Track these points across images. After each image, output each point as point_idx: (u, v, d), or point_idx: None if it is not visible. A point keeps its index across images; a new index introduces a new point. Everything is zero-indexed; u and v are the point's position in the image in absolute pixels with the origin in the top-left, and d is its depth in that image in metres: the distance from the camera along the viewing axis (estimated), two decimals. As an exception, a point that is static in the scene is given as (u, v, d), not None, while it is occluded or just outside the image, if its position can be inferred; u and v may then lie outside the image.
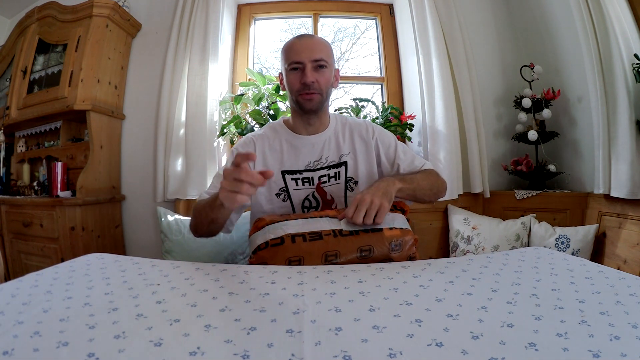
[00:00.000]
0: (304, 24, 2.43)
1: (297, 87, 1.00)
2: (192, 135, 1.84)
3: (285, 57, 1.03)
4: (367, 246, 0.81)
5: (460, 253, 1.69)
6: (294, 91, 1.02)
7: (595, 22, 1.45)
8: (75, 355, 0.39)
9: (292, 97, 1.04)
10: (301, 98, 1.01)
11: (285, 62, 1.02)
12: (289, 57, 1.01)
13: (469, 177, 1.83)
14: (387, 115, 1.88)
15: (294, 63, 1.00)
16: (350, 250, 0.81)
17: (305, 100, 1.01)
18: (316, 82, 0.99)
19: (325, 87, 1.03)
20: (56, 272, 0.69)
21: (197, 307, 0.53)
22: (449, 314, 0.50)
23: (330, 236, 0.82)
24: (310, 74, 0.98)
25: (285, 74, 1.05)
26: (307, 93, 1.00)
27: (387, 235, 0.83)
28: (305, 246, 0.81)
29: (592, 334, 0.43)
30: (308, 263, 0.79)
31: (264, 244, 0.83)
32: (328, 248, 0.80)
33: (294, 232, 0.83)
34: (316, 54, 0.99)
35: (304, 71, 0.99)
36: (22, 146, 2.26)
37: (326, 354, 0.40)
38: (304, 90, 1.00)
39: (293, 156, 1.06)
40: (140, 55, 2.12)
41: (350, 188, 1.07)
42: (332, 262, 0.79)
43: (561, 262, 0.74)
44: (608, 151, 1.44)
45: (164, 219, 1.64)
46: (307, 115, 1.04)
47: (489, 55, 2.05)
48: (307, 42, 1.01)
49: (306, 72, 0.98)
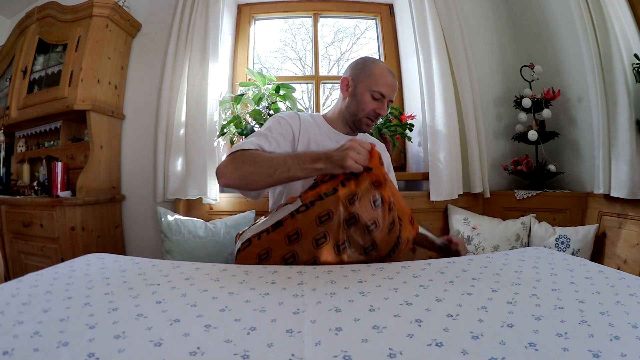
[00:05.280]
0: (304, 24, 2.43)
1: (369, 112, 1.10)
2: (192, 135, 1.84)
3: (374, 79, 1.09)
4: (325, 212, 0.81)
5: (460, 253, 1.69)
6: (364, 112, 1.10)
7: (595, 22, 1.44)
8: (75, 355, 0.39)
9: (357, 113, 1.11)
10: (365, 121, 1.12)
11: (373, 84, 1.09)
12: (379, 85, 1.08)
13: (469, 177, 1.83)
14: (387, 115, 1.88)
15: (379, 93, 1.08)
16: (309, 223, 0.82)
17: (367, 125, 1.13)
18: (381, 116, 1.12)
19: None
20: (56, 272, 0.69)
21: (197, 307, 0.53)
22: (449, 314, 0.50)
23: (288, 219, 0.84)
24: (385, 110, 1.11)
25: (362, 91, 1.10)
26: (373, 120, 1.12)
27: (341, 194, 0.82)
28: (270, 237, 0.85)
29: (592, 334, 0.43)
30: (276, 252, 0.82)
31: (237, 251, 0.91)
32: (288, 230, 0.83)
33: (258, 231, 0.88)
34: (394, 95, 1.12)
35: (382, 104, 1.10)
36: (22, 146, 2.26)
37: (326, 354, 0.40)
38: (372, 118, 1.11)
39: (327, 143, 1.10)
40: (140, 55, 2.12)
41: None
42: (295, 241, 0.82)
43: (561, 262, 0.74)
44: (608, 151, 1.44)
45: (164, 219, 1.64)
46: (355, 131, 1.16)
47: (489, 55, 2.05)
48: (394, 82, 1.11)
49: (384, 106, 1.10)
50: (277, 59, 2.47)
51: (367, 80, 1.09)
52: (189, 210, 1.86)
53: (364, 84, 1.09)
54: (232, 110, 1.93)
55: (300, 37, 2.48)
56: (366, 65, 1.11)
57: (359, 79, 1.10)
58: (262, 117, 1.83)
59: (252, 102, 1.86)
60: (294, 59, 2.53)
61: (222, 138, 1.88)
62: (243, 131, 1.82)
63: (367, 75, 1.09)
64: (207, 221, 1.71)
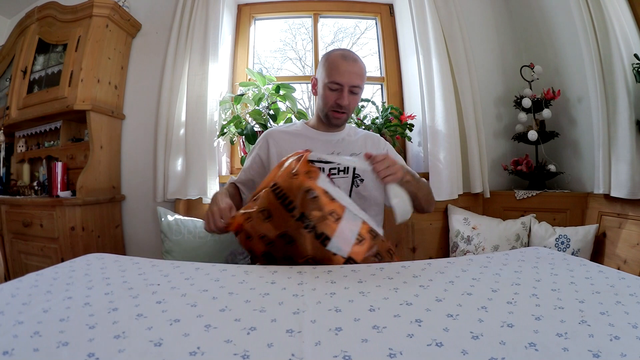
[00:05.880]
0: (304, 24, 2.43)
1: (331, 104, 1.11)
2: (192, 135, 1.84)
3: (327, 71, 1.10)
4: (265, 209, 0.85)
5: (460, 253, 1.69)
6: (327, 105, 1.12)
7: (595, 22, 1.44)
8: (75, 355, 0.39)
9: (324, 108, 1.14)
10: (332, 114, 1.12)
11: (327, 76, 1.09)
12: (331, 75, 1.08)
13: (469, 177, 1.83)
14: (387, 115, 1.88)
15: (334, 83, 1.08)
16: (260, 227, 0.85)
17: (335, 117, 1.13)
18: (348, 105, 1.10)
19: (353, 109, 1.15)
20: (56, 272, 0.69)
21: (197, 307, 0.53)
22: (449, 314, 0.50)
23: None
24: (346, 98, 1.09)
25: (322, 86, 1.13)
26: (338, 112, 1.11)
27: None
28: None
29: (592, 334, 0.43)
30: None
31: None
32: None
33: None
34: (355, 80, 1.08)
35: (341, 93, 1.08)
36: (22, 146, 2.26)
37: (326, 354, 0.40)
38: (337, 109, 1.11)
39: (308, 146, 1.13)
40: (140, 55, 2.12)
41: (357, 184, 1.13)
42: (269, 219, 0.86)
43: (561, 262, 0.74)
44: (608, 151, 1.44)
45: (164, 219, 1.64)
46: (331, 127, 1.17)
47: (489, 55, 2.05)
48: (351, 66, 1.08)
49: (343, 95, 1.08)
50: (277, 59, 2.47)
51: (323, 74, 1.12)
52: (189, 210, 1.86)
53: (322, 79, 1.12)
54: (232, 110, 1.93)
55: (300, 37, 2.49)
56: (323, 59, 1.14)
57: (319, 75, 1.14)
58: (262, 117, 1.83)
59: (252, 102, 1.86)
60: (294, 59, 2.53)
61: (222, 138, 1.88)
62: (243, 131, 1.82)
63: (323, 70, 1.12)
64: (207, 221, 1.70)
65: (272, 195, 0.85)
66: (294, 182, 0.84)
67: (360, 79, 1.10)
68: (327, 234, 0.80)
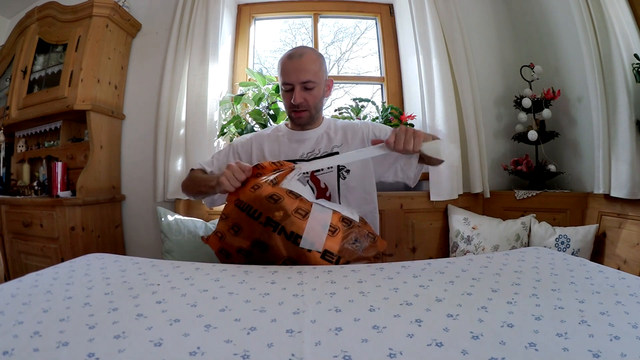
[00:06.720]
0: (304, 24, 2.43)
1: (288, 105, 1.12)
2: (192, 135, 1.84)
3: (279, 75, 1.12)
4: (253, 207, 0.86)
5: (460, 253, 1.69)
6: (286, 108, 1.14)
7: (595, 22, 1.44)
8: (75, 355, 0.39)
9: (286, 110, 1.17)
10: (293, 115, 1.13)
11: (280, 80, 1.12)
12: (282, 77, 1.10)
13: (469, 177, 1.83)
14: (387, 115, 1.88)
15: (285, 84, 1.09)
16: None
17: (296, 117, 1.13)
18: (305, 102, 1.09)
19: (314, 104, 1.12)
20: (56, 272, 0.69)
21: (197, 307, 0.53)
22: (449, 314, 0.50)
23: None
24: (299, 95, 1.07)
25: (280, 90, 1.15)
26: (297, 111, 1.11)
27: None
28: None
29: (592, 334, 0.43)
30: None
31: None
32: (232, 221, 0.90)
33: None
34: (304, 75, 1.06)
35: (292, 93, 1.08)
36: (22, 146, 2.26)
37: (326, 354, 0.40)
38: (294, 109, 1.11)
39: (288, 148, 1.15)
40: (140, 55, 2.12)
41: (343, 176, 1.13)
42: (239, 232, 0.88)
43: (561, 262, 0.74)
44: (608, 151, 1.44)
45: (164, 219, 1.64)
46: (301, 126, 1.18)
47: (489, 55, 2.05)
48: (296, 63, 1.07)
49: (295, 93, 1.07)
50: (277, 59, 2.47)
51: (279, 79, 1.14)
52: (189, 210, 1.86)
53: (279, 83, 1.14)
54: (232, 110, 1.93)
55: (300, 37, 2.49)
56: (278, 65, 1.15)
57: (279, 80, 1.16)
58: (262, 117, 1.83)
59: (252, 102, 1.85)
60: (294, 59, 2.52)
61: (222, 138, 1.88)
62: (243, 131, 1.82)
63: (278, 74, 1.14)
64: (207, 221, 1.70)
65: (237, 210, 0.87)
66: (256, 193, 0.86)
67: (309, 73, 1.06)
68: (297, 232, 0.80)
